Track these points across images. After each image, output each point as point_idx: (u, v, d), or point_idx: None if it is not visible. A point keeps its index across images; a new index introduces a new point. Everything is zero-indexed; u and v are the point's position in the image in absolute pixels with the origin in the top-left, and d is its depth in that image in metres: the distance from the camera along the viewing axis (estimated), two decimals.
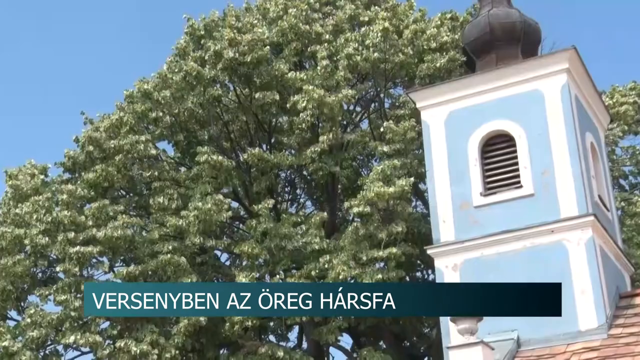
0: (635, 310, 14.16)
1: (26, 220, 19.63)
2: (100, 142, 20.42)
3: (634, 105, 23.16)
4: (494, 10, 17.53)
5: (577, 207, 14.62)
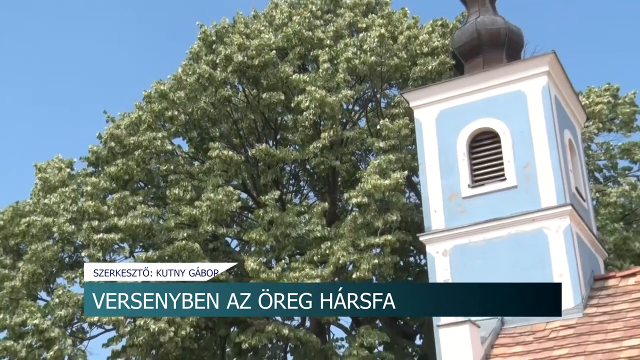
0: (608, 292, 14.19)
1: (54, 210, 19.68)
2: (121, 139, 20.51)
3: (608, 105, 23.14)
4: (480, 18, 17.50)
5: (556, 197, 14.65)
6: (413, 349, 21.96)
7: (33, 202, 20.54)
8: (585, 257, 14.91)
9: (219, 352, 21.60)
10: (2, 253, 20.43)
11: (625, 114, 23.55)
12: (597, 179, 23.38)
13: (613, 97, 23.61)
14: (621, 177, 23.19)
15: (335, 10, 23.07)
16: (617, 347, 12.16)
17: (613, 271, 16.08)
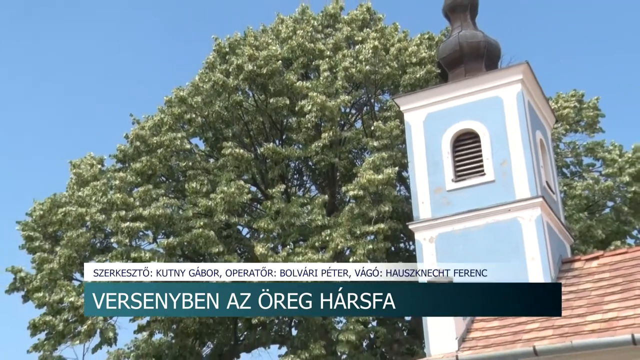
0: (574, 273, 14.30)
1: (87, 201, 19.71)
2: (145, 138, 20.53)
3: (574, 109, 23.31)
4: (462, 32, 17.64)
5: (529, 190, 14.72)
6: (402, 323, 21.83)
7: (68, 194, 20.58)
8: (554, 243, 14.98)
9: (231, 326, 21.49)
10: (42, 239, 20.46)
11: (589, 117, 23.69)
12: (564, 174, 23.48)
13: (578, 102, 23.75)
14: (585, 173, 23.33)
15: (334, 25, 23.11)
16: (581, 322, 12.15)
17: (578, 255, 16.13)
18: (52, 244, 20.29)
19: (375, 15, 23.10)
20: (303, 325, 19.81)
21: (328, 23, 23.19)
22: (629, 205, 22.16)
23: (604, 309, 12.32)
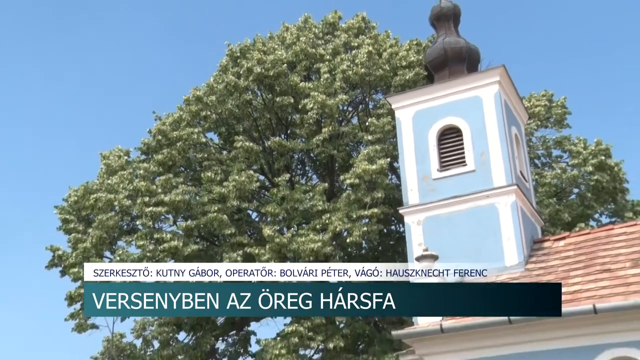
0: (544, 252, 14.30)
1: (115, 188, 19.86)
2: (166, 133, 20.66)
3: (545, 107, 23.30)
4: (447, 39, 17.48)
5: (505, 179, 14.66)
6: None
7: (99, 182, 20.67)
8: (527, 225, 14.94)
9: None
10: (76, 221, 20.62)
11: (557, 114, 23.73)
12: (536, 165, 23.44)
13: (548, 101, 23.74)
14: (554, 164, 23.31)
15: (333, 32, 23.16)
16: None
17: (548, 236, 16.07)
18: (85, 226, 20.43)
19: (369, 24, 23.13)
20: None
21: (328, 30, 23.28)
22: (591, 192, 22.22)
23: (569, 283, 12.34)
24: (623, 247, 13.12)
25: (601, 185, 22.09)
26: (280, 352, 17.62)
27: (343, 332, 18.58)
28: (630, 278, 11.68)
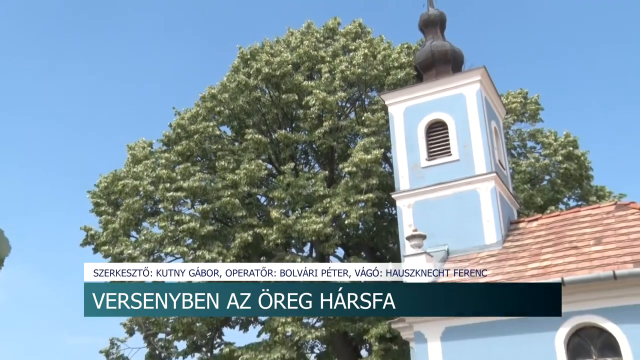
0: (519, 232, 14.41)
1: (140, 175, 19.98)
2: (184, 126, 20.72)
3: (520, 104, 23.27)
4: (434, 42, 17.55)
5: (485, 167, 14.75)
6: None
7: (126, 170, 20.79)
8: (505, 208, 15.04)
9: None
10: (106, 205, 20.75)
11: (531, 110, 23.74)
12: (512, 155, 23.43)
13: (523, 98, 23.74)
14: (529, 154, 23.36)
15: (333, 37, 23.20)
16: (524, 269, 12.34)
17: (523, 218, 16.17)
18: (114, 209, 20.56)
19: (365, 29, 23.18)
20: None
21: (328, 35, 23.31)
22: (561, 179, 22.30)
23: (541, 259, 12.52)
24: (588, 227, 13.27)
25: (569, 173, 22.18)
26: (286, 320, 17.64)
27: None
28: (593, 254, 11.84)
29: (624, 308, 10.92)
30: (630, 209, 13.30)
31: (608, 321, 10.94)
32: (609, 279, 10.85)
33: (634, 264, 10.93)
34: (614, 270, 10.84)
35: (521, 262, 12.67)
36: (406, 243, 13.83)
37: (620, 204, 13.94)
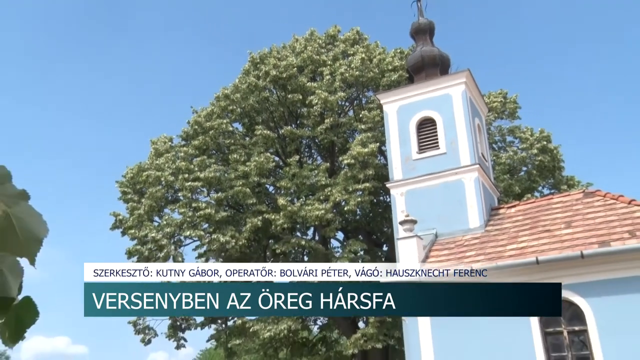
0: (499, 217, 14.51)
1: (161, 167, 20.04)
2: (201, 123, 20.77)
3: (500, 103, 23.25)
4: (424, 48, 17.64)
5: (470, 159, 14.83)
6: (381, 253, 22.04)
7: (149, 162, 20.87)
8: (487, 196, 15.13)
9: (262, 255, 21.79)
10: (132, 193, 20.81)
11: (510, 109, 23.68)
12: (494, 148, 23.38)
13: (503, 98, 23.71)
14: (508, 147, 23.30)
15: (333, 43, 23.14)
16: (503, 250, 12.49)
17: (502, 204, 16.26)
18: (139, 197, 20.65)
19: (362, 36, 23.14)
20: (312, 254, 20.19)
21: (329, 41, 23.28)
22: (536, 170, 22.33)
23: (518, 241, 12.66)
24: (559, 212, 13.39)
25: (543, 165, 22.21)
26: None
27: None
28: (564, 236, 12.00)
29: (589, 284, 11.12)
30: (596, 197, 13.43)
31: (576, 295, 11.14)
32: (577, 258, 11.03)
33: (599, 244, 11.11)
34: (581, 251, 11.02)
35: (501, 244, 12.77)
36: (399, 227, 13.92)
37: (588, 192, 14.06)
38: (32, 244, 1.48)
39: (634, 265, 10.88)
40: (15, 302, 1.62)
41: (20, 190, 1.53)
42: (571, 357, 11.14)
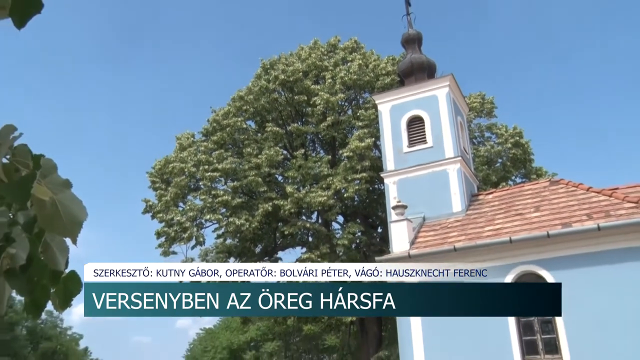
0: (479, 202, 14.48)
1: (185, 160, 20.17)
2: (219, 121, 20.87)
3: (479, 103, 23.29)
4: (413, 55, 17.52)
5: (453, 152, 14.74)
6: (377, 234, 22.02)
7: (174, 155, 20.95)
8: (468, 184, 15.11)
9: (272, 236, 21.90)
10: (160, 182, 20.90)
11: (488, 108, 23.72)
12: (474, 143, 23.43)
13: (482, 99, 23.72)
14: (486, 142, 23.32)
15: (334, 51, 23.07)
16: (482, 230, 12.51)
17: (481, 191, 16.17)
18: (165, 185, 20.79)
19: (359, 45, 23.13)
20: (315, 235, 20.32)
21: (330, 49, 23.25)
22: (510, 162, 22.41)
23: (494, 223, 12.71)
24: (529, 198, 13.48)
25: (516, 157, 22.28)
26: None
27: (341, 258, 18.98)
28: (533, 219, 12.15)
29: (554, 259, 11.28)
30: (560, 185, 13.49)
31: (542, 269, 11.30)
32: (544, 237, 11.18)
33: (562, 225, 11.29)
34: (547, 231, 11.16)
35: (480, 226, 12.81)
36: (392, 212, 13.92)
37: (553, 181, 14.06)
38: (74, 226, 1.47)
39: (591, 242, 11.07)
40: (64, 275, 1.64)
41: (65, 180, 1.51)
42: (537, 321, 11.23)
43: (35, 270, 1.59)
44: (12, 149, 1.47)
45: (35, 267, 1.58)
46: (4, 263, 1.54)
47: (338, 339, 29.95)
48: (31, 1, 1.53)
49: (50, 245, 1.57)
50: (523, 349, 11.19)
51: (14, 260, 1.54)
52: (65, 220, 1.46)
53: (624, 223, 10.50)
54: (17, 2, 1.52)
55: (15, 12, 1.53)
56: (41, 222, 1.48)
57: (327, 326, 24.43)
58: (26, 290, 1.60)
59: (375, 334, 20.52)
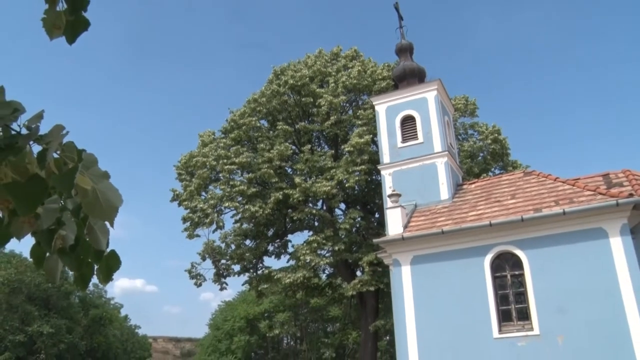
0: (463, 191, 14.44)
1: (207, 154, 20.14)
2: (236, 121, 20.78)
3: (463, 104, 23.09)
4: (405, 63, 17.44)
5: (441, 147, 14.68)
6: (374, 219, 21.82)
7: (197, 151, 20.92)
8: (454, 175, 15.05)
9: (283, 221, 21.76)
10: (185, 174, 20.88)
11: (471, 109, 23.41)
12: (459, 139, 23.08)
13: (466, 101, 23.49)
14: (469, 138, 23.14)
15: (336, 58, 22.78)
16: (466, 215, 12.54)
17: (465, 182, 15.91)
18: (190, 177, 20.77)
19: (359, 53, 22.86)
20: (321, 220, 20.24)
21: (333, 57, 22.95)
22: (490, 156, 22.30)
23: (477, 209, 12.77)
24: (506, 187, 13.53)
25: (495, 151, 22.14)
26: (306, 252, 18.12)
27: (343, 240, 19.01)
28: (510, 206, 12.21)
29: (527, 240, 11.39)
30: (533, 175, 13.54)
31: (517, 249, 11.42)
32: (519, 221, 11.29)
33: (534, 211, 11.39)
34: (522, 216, 11.27)
35: (464, 212, 12.82)
36: (387, 200, 13.93)
37: (527, 172, 14.09)
38: (111, 210, 1.49)
39: (558, 225, 11.17)
40: (105, 254, 1.68)
41: (104, 171, 1.54)
42: (512, 293, 11.53)
43: (81, 250, 1.63)
44: (62, 145, 1.51)
45: (82, 247, 1.63)
46: (57, 243, 1.59)
47: (340, 311, 30.36)
48: (81, 21, 1.60)
49: (93, 228, 1.61)
50: (500, 318, 11.37)
51: (65, 241, 1.59)
52: (104, 206, 1.49)
53: (584, 208, 10.79)
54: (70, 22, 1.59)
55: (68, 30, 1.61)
56: (84, 208, 1.51)
57: (331, 299, 24.57)
58: (75, 266, 1.65)
59: (372, 306, 20.55)
